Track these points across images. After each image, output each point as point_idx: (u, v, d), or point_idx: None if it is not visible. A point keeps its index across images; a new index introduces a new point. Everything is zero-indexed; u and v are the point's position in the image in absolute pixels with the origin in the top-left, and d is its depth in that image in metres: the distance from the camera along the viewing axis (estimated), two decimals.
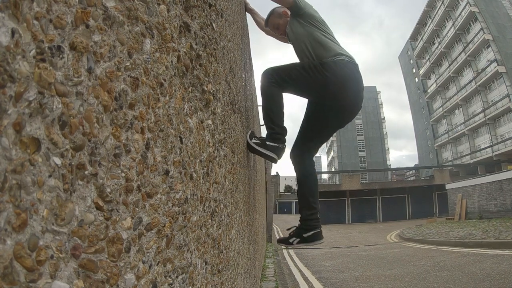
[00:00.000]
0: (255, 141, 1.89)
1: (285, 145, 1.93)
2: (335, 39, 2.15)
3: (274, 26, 2.37)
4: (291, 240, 1.99)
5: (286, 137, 1.95)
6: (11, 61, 0.25)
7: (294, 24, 2.18)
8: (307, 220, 1.98)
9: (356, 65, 2.03)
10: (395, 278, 4.53)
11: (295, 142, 2.16)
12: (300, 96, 2.10)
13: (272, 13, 2.38)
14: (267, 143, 1.86)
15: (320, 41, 2.08)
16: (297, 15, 2.14)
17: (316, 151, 2.18)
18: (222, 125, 0.98)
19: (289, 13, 2.29)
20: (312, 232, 1.96)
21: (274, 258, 6.57)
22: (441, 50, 39.18)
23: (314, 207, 1.99)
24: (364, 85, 2.11)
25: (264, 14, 2.62)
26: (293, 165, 2.12)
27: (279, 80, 1.94)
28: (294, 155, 2.11)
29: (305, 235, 1.96)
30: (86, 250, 0.33)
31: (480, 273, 4.24)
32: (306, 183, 2.05)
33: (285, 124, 1.94)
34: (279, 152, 1.89)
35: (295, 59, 2.52)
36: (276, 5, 2.19)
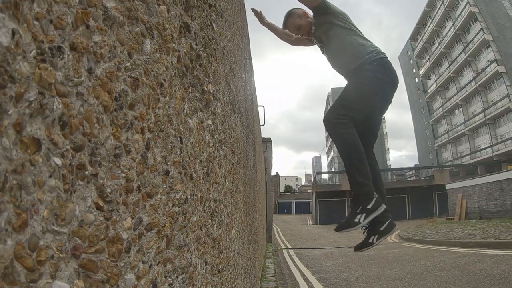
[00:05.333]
0: (361, 215, 1.77)
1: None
2: (361, 32, 2.14)
3: (295, 27, 2.29)
4: (370, 241, 1.90)
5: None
6: (11, 61, 0.26)
7: (324, 25, 2.12)
8: (362, 187, 1.83)
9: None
10: (395, 278, 4.53)
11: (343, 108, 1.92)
12: (373, 109, 2.02)
13: (290, 14, 2.32)
14: (369, 208, 1.77)
15: (355, 39, 2.05)
16: (324, 14, 2.09)
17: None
18: (222, 125, 0.98)
19: (309, 13, 2.25)
20: (374, 201, 1.83)
21: (274, 258, 6.57)
22: (441, 50, 39.18)
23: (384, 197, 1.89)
24: None
25: (265, 14, 2.59)
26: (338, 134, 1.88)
27: (343, 110, 1.86)
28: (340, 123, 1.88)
29: (381, 229, 1.89)
30: (87, 250, 0.33)
31: (480, 273, 4.24)
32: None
33: (285, 124, 1.91)
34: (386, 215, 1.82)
35: (296, 60, 2.50)
36: (297, 4, 2.14)
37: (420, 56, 45.42)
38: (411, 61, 48.28)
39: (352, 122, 1.85)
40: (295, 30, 2.31)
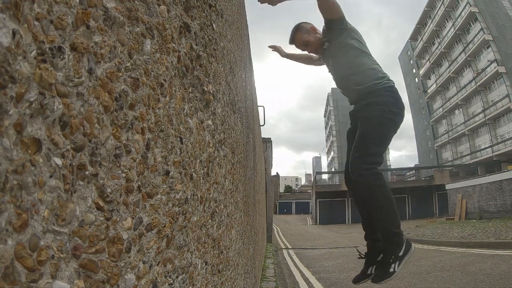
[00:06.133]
0: (395, 264, 1.76)
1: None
2: (371, 54, 2.08)
3: (303, 43, 2.19)
4: (391, 270, 1.82)
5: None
6: (12, 62, 0.26)
7: (337, 41, 2.03)
8: (394, 237, 1.80)
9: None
10: (395, 278, 4.52)
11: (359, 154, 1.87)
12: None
13: (298, 29, 2.21)
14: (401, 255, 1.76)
15: (366, 61, 1.99)
16: (339, 30, 2.01)
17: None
18: (222, 125, 0.98)
19: (318, 29, 2.17)
20: (405, 246, 1.81)
21: (274, 259, 6.57)
22: (441, 50, 39.20)
23: (397, 219, 1.84)
24: None
25: (262, 13, 2.57)
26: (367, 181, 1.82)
27: (372, 158, 1.81)
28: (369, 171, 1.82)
29: (401, 254, 1.82)
30: (87, 250, 0.33)
31: (480, 273, 4.24)
32: (388, 194, 1.84)
33: (285, 124, 1.90)
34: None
35: (295, 61, 2.49)
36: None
37: (420, 56, 45.45)
38: (411, 61, 48.30)
39: (378, 164, 1.83)
40: (302, 46, 2.21)
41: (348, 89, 2.09)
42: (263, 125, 5.35)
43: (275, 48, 2.59)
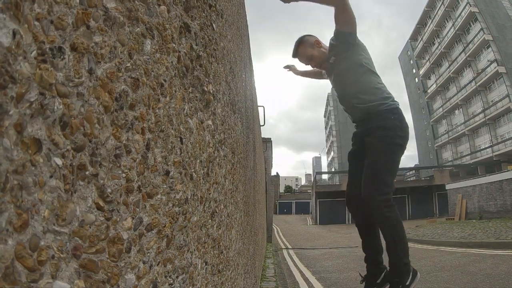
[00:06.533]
0: None
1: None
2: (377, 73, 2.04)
3: (307, 58, 2.13)
4: None
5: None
6: (12, 62, 0.26)
7: (344, 56, 1.97)
8: (403, 267, 1.80)
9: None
10: None
11: (372, 182, 1.84)
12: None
13: (302, 42, 2.14)
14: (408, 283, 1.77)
15: (372, 80, 1.95)
16: (348, 44, 1.95)
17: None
18: (222, 125, 0.98)
19: (322, 43, 2.12)
20: (411, 274, 1.82)
21: (274, 259, 6.57)
22: (441, 50, 39.20)
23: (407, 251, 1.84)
24: None
25: (262, 13, 2.58)
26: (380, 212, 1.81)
27: (386, 187, 1.81)
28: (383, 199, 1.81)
29: (408, 283, 1.81)
30: (87, 250, 0.33)
31: (480, 274, 4.24)
32: (401, 228, 1.83)
33: (285, 124, 1.89)
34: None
35: (295, 60, 2.48)
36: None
37: (420, 56, 45.46)
38: (411, 61, 48.31)
39: (392, 194, 1.83)
40: (306, 60, 2.15)
41: (352, 107, 2.04)
42: (263, 125, 5.35)
43: (289, 68, 2.55)
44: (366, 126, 1.98)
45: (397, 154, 1.91)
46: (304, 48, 2.12)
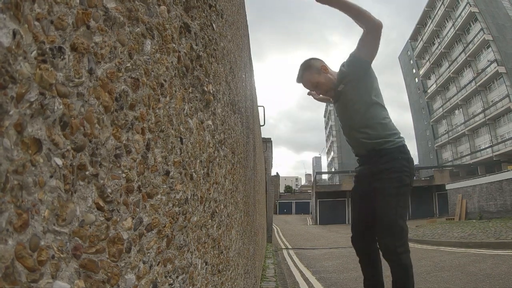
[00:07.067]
0: None
1: None
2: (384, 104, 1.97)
3: (312, 84, 2.01)
4: None
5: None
6: (12, 62, 0.26)
7: (354, 84, 1.88)
8: None
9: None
10: None
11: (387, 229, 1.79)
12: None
13: (308, 67, 2.02)
14: None
15: (379, 113, 1.88)
16: (361, 72, 1.86)
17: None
18: (222, 125, 0.98)
19: (329, 68, 2.02)
20: None
21: (274, 259, 6.57)
22: (441, 50, 39.21)
23: None
24: None
25: (262, 13, 2.55)
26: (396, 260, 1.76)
27: (404, 236, 1.76)
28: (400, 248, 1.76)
29: None
30: (87, 250, 0.33)
31: (480, 274, 4.24)
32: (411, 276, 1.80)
33: (285, 124, 1.86)
34: None
35: (295, 60, 2.43)
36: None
37: (420, 56, 45.47)
38: (411, 61, 48.32)
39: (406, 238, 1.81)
40: (312, 87, 2.05)
41: (355, 140, 1.97)
42: (263, 125, 5.35)
43: (312, 94, 2.48)
44: (372, 166, 1.91)
45: (408, 194, 1.86)
46: (310, 74, 2.01)
